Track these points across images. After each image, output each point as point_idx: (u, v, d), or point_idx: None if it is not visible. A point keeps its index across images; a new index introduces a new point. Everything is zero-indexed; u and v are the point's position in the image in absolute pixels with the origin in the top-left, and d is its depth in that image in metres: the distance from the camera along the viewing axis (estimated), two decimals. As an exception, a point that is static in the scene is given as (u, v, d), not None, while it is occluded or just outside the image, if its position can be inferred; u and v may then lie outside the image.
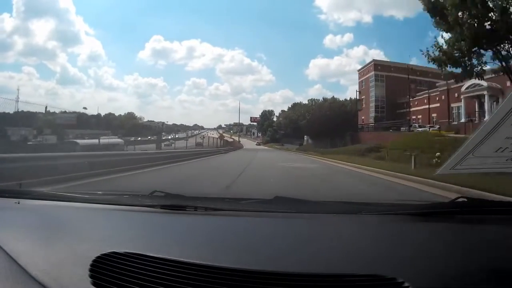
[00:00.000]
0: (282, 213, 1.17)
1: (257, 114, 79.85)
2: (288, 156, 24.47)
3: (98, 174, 7.50)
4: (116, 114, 62.39)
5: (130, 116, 64.90)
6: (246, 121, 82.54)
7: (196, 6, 79.48)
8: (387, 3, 77.85)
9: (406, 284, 0.64)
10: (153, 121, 67.37)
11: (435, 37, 11.36)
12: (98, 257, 0.75)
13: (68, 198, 1.40)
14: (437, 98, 30.40)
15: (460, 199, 1.12)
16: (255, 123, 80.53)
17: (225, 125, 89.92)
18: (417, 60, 37.97)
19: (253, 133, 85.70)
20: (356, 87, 42.12)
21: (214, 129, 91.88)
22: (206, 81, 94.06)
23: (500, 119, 0.89)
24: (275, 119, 75.46)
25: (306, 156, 25.64)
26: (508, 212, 1.10)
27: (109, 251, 0.77)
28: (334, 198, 1.45)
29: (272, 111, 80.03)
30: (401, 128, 28.64)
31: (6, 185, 2.62)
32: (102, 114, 57.96)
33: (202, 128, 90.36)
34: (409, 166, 9.95)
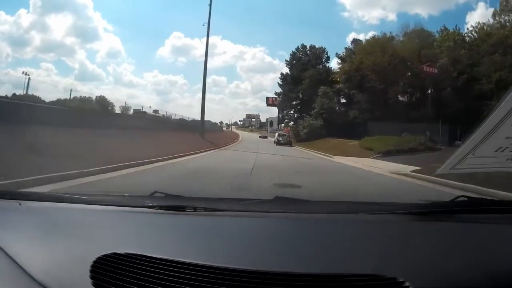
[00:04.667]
0: (282, 213, 1.18)
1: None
2: None
3: None
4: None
5: (99, 100, 53.09)
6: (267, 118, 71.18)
7: (217, 2, 77.23)
8: (412, 0, 73.94)
9: (406, 284, 0.64)
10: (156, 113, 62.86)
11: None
12: (98, 258, 0.75)
13: (69, 200, 1.40)
14: None
15: (461, 198, 1.12)
16: (274, 106, 44.61)
17: (240, 121, 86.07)
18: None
19: (271, 124, 50.56)
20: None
21: (227, 125, 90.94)
22: (226, 79, 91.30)
23: (500, 119, 0.89)
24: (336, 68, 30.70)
25: None
26: (509, 211, 1.10)
27: (110, 252, 0.77)
28: (334, 198, 1.46)
29: (323, 48, 35.55)
30: None
31: (8, 187, 2.64)
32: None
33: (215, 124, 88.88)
34: None
